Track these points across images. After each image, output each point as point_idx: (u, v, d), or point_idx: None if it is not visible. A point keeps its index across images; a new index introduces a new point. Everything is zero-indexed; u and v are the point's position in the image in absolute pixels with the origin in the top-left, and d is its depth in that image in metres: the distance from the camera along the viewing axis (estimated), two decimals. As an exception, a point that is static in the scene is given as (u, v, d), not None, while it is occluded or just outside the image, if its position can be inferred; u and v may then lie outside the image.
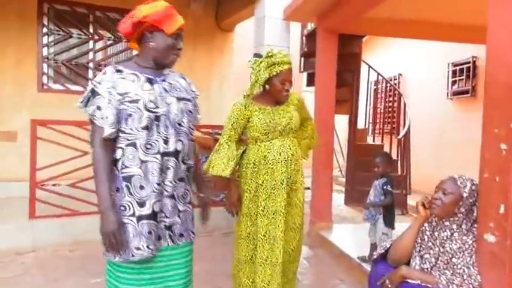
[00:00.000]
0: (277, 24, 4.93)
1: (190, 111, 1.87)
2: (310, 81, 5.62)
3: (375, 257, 2.43)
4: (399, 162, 5.98)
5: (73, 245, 3.98)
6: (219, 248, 4.04)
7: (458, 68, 5.96)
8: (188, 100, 1.88)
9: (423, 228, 2.28)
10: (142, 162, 1.71)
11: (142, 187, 1.71)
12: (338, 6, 4.09)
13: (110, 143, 1.72)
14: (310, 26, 5.96)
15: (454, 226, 2.18)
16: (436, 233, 2.23)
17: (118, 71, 1.74)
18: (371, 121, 7.97)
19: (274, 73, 2.48)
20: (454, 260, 2.14)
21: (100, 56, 5.89)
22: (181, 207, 1.85)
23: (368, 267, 3.46)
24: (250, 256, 2.56)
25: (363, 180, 5.53)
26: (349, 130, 6.12)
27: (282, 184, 2.50)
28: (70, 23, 5.70)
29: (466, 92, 5.80)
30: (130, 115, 1.69)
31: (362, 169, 5.83)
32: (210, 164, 2.57)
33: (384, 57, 7.70)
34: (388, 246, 2.40)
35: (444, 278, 2.04)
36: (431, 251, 2.23)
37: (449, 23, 4.55)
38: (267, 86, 2.54)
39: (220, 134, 2.78)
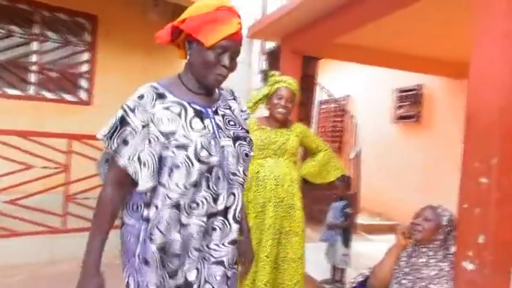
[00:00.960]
0: (239, 40, 4.90)
1: (247, 155, 1.44)
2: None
3: (354, 285, 2.48)
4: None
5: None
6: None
7: (404, 94, 6.35)
8: (245, 139, 1.45)
9: (400, 255, 2.36)
10: (182, 225, 1.30)
11: (177, 255, 1.31)
12: (305, 30, 4.17)
13: (128, 181, 1.30)
14: (269, 43, 6.01)
15: (431, 253, 2.28)
16: (412, 259, 2.32)
17: (160, 96, 1.32)
18: (317, 139, 8.19)
19: (274, 90, 2.59)
20: (431, 286, 2.23)
21: (46, 58, 5.45)
22: (229, 274, 1.43)
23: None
24: None
25: (319, 199, 5.63)
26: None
27: (270, 202, 2.49)
28: (10, 20, 5.23)
29: (411, 117, 6.18)
30: (177, 166, 1.27)
31: (318, 188, 5.92)
32: None
33: (333, 78, 7.99)
34: (367, 274, 2.46)
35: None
36: (408, 277, 2.31)
37: (400, 53, 4.85)
38: (268, 105, 2.66)
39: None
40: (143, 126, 1.27)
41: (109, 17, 5.65)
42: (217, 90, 1.49)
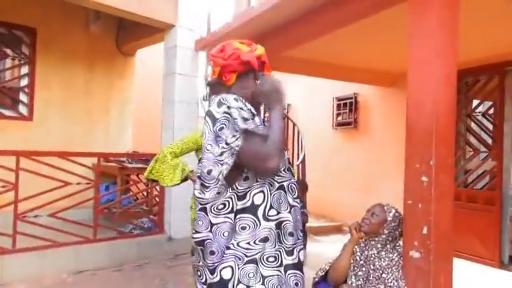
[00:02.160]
0: (187, 54, 5.02)
1: None
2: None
3: (316, 279, 2.69)
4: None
5: None
6: (133, 284, 3.85)
7: (342, 102, 6.81)
8: None
9: (354, 249, 2.62)
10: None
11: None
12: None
13: None
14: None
15: (379, 245, 2.56)
16: (366, 252, 2.58)
17: (241, 108, 1.57)
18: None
19: None
20: (384, 275, 2.51)
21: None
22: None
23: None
24: None
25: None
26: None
27: None
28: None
29: (349, 123, 6.65)
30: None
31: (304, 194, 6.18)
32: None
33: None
34: (327, 268, 2.69)
35: (379, 291, 2.41)
36: (363, 269, 2.57)
37: (338, 65, 5.26)
38: None
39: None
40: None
41: (48, 30, 5.49)
42: None
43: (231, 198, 1.53)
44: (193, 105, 5.01)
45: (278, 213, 1.59)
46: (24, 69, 5.42)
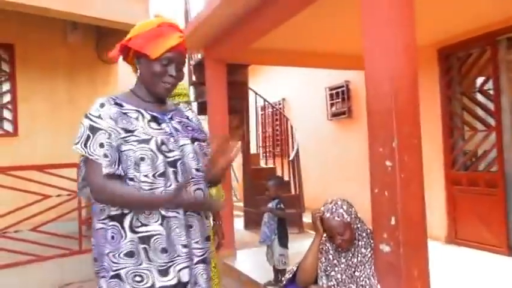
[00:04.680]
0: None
1: (205, 154, 1.55)
2: (202, 110, 5.66)
3: (284, 282, 2.48)
4: (292, 182, 6.28)
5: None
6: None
7: (334, 91, 6.54)
8: (203, 141, 1.58)
9: (326, 248, 2.39)
10: (164, 217, 1.37)
11: (164, 250, 1.36)
12: (224, 39, 4.22)
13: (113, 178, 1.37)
14: (196, 56, 6.02)
15: (354, 241, 2.33)
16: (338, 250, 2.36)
17: (117, 104, 1.43)
18: (261, 145, 8.27)
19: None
20: (356, 273, 2.28)
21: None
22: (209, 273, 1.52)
23: (276, 291, 3.52)
24: None
25: (260, 203, 5.66)
26: (242, 155, 6.25)
27: None
28: None
29: (343, 113, 6.37)
30: (142, 159, 1.36)
31: (258, 192, 5.98)
32: None
33: (268, 83, 8.10)
34: (295, 269, 2.47)
35: (350, 292, 2.17)
36: (337, 268, 2.34)
37: (323, 52, 4.99)
38: None
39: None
40: (110, 128, 1.37)
41: (26, 44, 5.46)
42: (173, 103, 1.63)
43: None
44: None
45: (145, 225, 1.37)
46: (6, 86, 5.38)
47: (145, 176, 1.36)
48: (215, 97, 4.72)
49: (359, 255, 2.32)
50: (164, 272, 1.35)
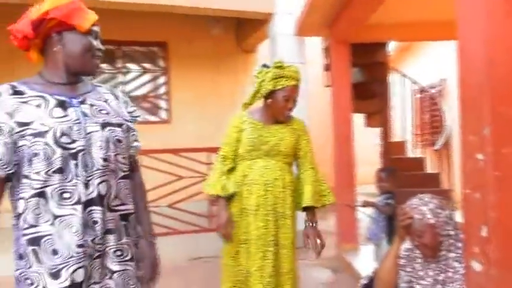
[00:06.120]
0: (290, 40, 4.82)
1: (119, 140, 1.40)
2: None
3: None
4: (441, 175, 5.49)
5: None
6: None
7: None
8: (118, 125, 1.41)
9: (414, 255, 2.00)
10: (56, 217, 1.28)
11: (55, 252, 1.28)
12: (341, 15, 3.90)
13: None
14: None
15: (443, 252, 1.89)
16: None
17: (17, 92, 1.32)
18: (415, 132, 7.45)
19: (280, 86, 2.24)
20: (443, 291, 1.85)
21: (129, 87, 6.14)
22: (114, 267, 1.37)
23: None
24: None
25: (399, 196, 5.13)
26: (382, 144, 5.73)
27: (258, 210, 2.27)
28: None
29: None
30: (35, 154, 1.27)
31: (401, 185, 5.41)
32: (205, 183, 2.47)
33: (424, 63, 7.20)
34: (372, 275, 2.16)
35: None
36: (422, 282, 1.95)
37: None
38: (269, 100, 2.31)
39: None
40: (2, 122, 1.28)
41: (177, 41, 6.13)
42: (90, 84, 1.48)
43: None
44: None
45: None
46: (162, 80, 6.18)
47: (37, 173, 1.27)
48: (338, 81, 4.44)
49: (450, 269, 1.87)
50: (55, 275, 1.27)
